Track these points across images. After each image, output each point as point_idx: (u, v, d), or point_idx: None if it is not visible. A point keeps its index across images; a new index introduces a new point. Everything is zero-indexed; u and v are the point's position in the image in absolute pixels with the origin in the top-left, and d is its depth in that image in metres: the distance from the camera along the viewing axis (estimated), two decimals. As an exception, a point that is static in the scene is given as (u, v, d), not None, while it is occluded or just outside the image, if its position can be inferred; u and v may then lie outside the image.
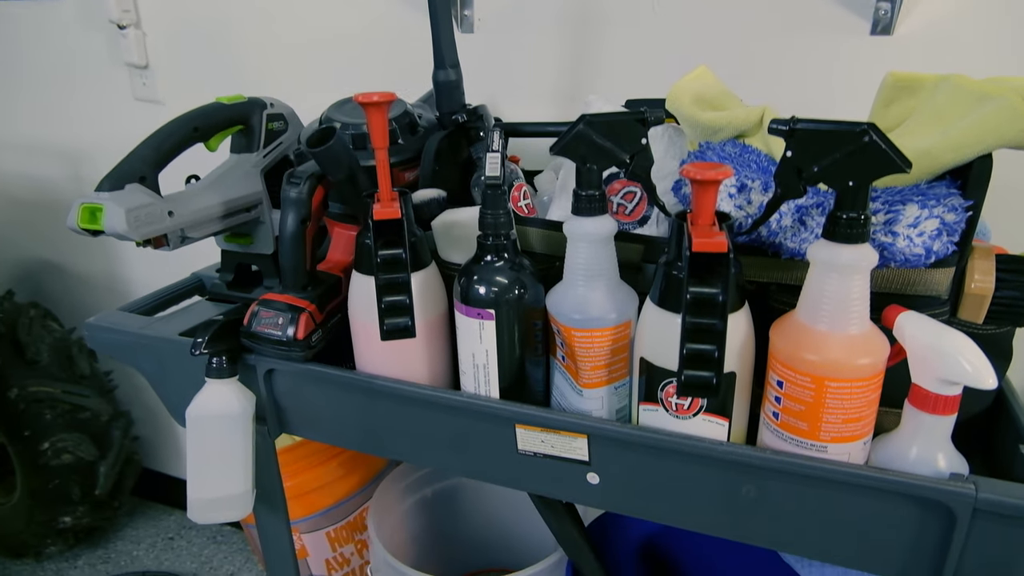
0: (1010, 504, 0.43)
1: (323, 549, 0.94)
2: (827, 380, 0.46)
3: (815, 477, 0.48)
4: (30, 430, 1.28)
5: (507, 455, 0.59)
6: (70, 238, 1.48)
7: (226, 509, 0.66)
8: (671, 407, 0.52)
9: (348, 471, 0.93)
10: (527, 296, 0.57)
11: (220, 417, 0.64)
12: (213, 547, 1.54)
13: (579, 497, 0.58)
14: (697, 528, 0.55)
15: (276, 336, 0.64)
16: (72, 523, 1.38)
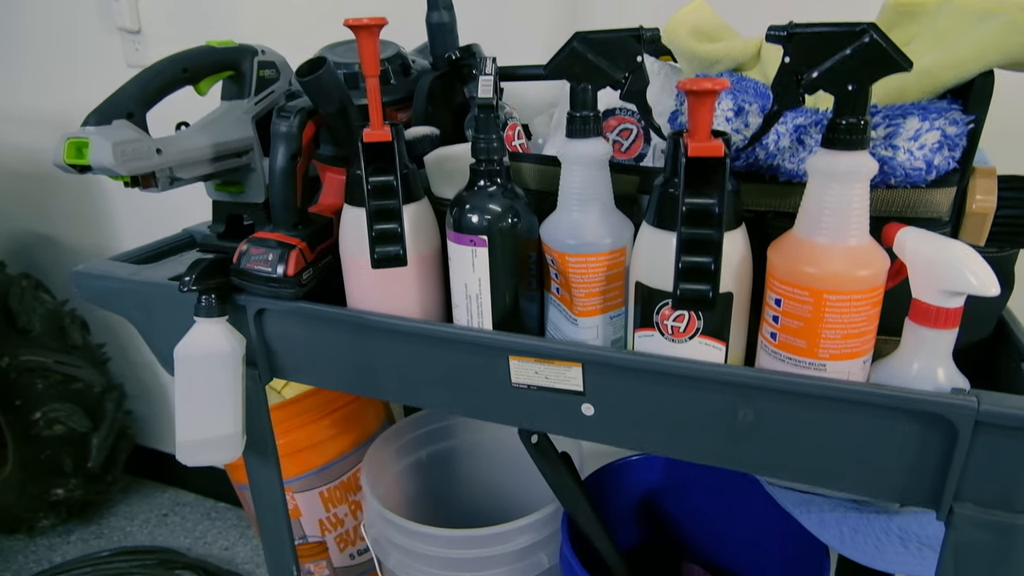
0: (1013, 415, 0.42)
1: (316, 509, 0.93)
2: (826, 293, 0.45)
3: (813, 396, 0.47)
4: (21, 399, 1.27)
5: (501, 389, 0.58)
6: (63, 211, 1.47)
7: (215, 451, 0.65)
8: (667, 331, 0.51)
9: (341, 430, 0.92)
10: (520, 225, 0.56)
11: (209, 356, 0.63)
12: (207, 523, 1.53)
13: (574, 431, 0.57)
14: (693, 458, 0.54)
15: (266, 273, 0.62)
16: (65, 496, 1.37)
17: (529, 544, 0.76)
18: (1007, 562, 0.46)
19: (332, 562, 0.96)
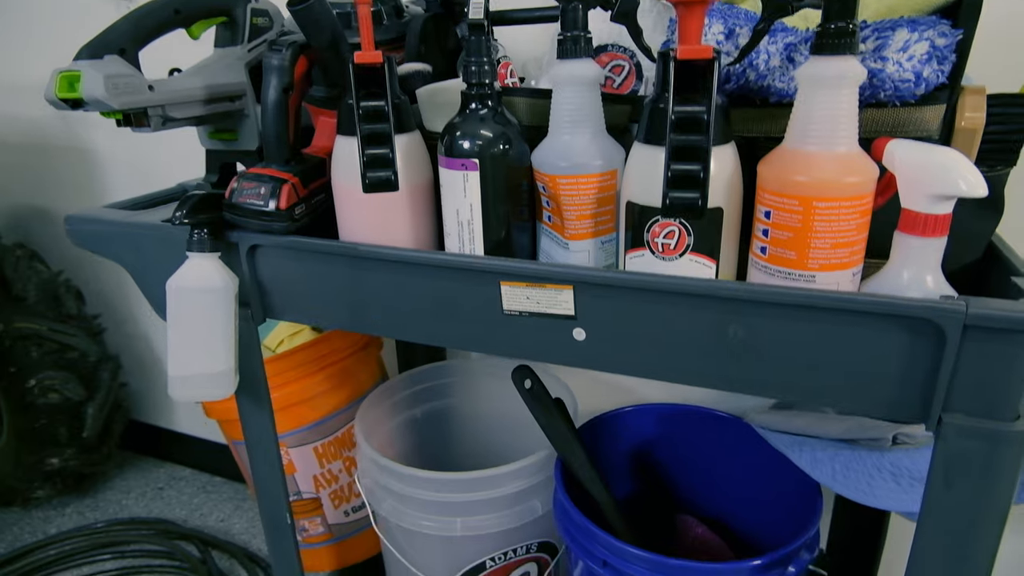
0: (1001, 317, 0.43)
1: (311, 465, 0.93)
2: (815, 200, 0.45)
3: (803, 306, 0.47)
4: (16, 367, 1.27)
5: (492, 317, 0.58)
6: (58, 182, 1.47)
7: (207, 387, 0.65)
8: (657, 248, 0.51)
9: (335, 385, 0.92)
10: (512, 151, 0.56)
11: (201, 291, 0.63)
12: (203, 496, 1.53)
13: (566, 357, 0.57)
14: (685, 380, 0.54)
15: (258, 206, 0.62)
16: (59, 465, 1.37)
17: (522, 489, 0.76)
18: (995, 470, 0.46)
19: (327, 519, 0.96)
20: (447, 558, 0.78)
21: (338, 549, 0.98)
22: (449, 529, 0.75)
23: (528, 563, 0.81)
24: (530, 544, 0.80)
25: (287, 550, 0.81)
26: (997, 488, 0.47)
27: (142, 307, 1.51)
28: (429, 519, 0.76)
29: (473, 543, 0.77)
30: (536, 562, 0.82)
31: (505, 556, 0.79)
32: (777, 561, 0.62)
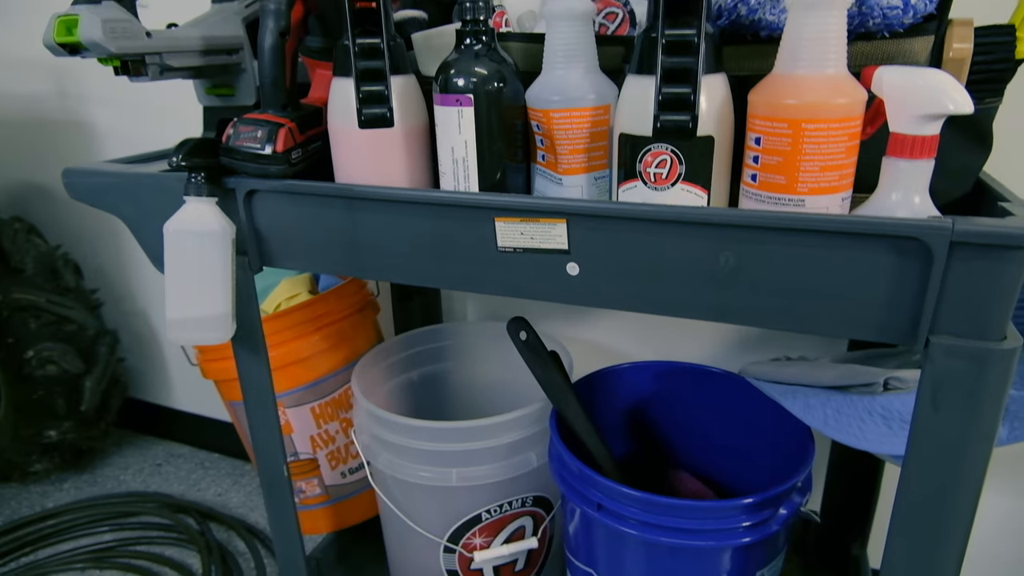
0: (987, 232, 0.43)
1: (308, 425, 0.93)
2: (804, 122, 0.46)
3: (792, 230, 0.48)
4: (14, 337, 1.27)
5: (488, 256, 0.58)
6: (55, 159, 1.47)
7: (205, 330, 0.66)
8: (649, 179, 0.52)
9: (331, 347, 0.93)
10: (506, 88, 0.57)
11: (199, 234, 0.64)
12: (201, 471, 1.53)
13: (560, 294, 0.57)
14: (678, 313, 0.54)
15: (255, 149, 0.63)
16: (57, 439, 1.37)
17: (517, 440, 0.76)
18: (982, 390, 0.47)
19: (324, 480, 0.96)
20: (443, 510, 0.79)
21: (335, 511, 0.98)
22: (445, 480, 0.76)
23: (523, 517, 0.81)
24: (525, 498, 0.80)
25: (285, 508, 0.81)
26: (984, 409, 0.47)
27: (140, 284, 1.51)
28: (425, 470, 0.76)
29: (469, 495, 0.78)
30: (531, 516, 0.82)
31: (501, 509, 0.79)
32: (769, 500, 0.63)
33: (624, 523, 0.64)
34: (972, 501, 0.51)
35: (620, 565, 0.69)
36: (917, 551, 0.53)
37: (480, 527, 0.79)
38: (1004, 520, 0.96)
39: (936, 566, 0.52)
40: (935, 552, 0.52)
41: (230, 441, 1.57)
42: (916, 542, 0.52)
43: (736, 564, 0.65)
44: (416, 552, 0.83)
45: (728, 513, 0.62)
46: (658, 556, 0.66)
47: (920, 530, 0.52)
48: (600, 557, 0.70)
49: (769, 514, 0.63)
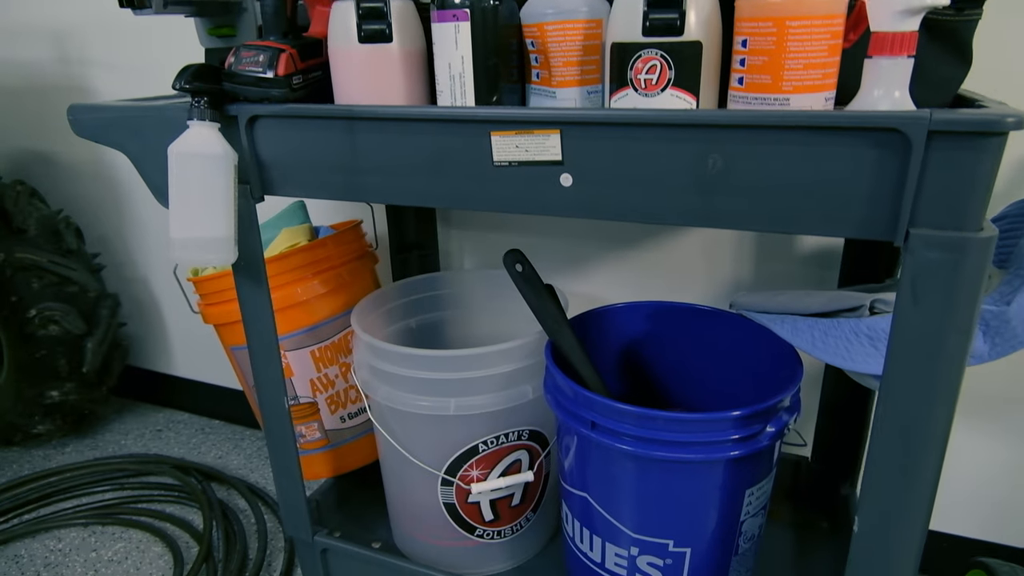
0: (963, 119, 0.45)
1: (308, 369, 0.95)
2: (788, 20, 0.48)
3: (777, 127, 0.49)
4: (17, 296, 1.28)
5: (484, 172, 0.60)
6: (57, 126, 1.49)
7: (208, 251, 0.67)
8: (640, 85, 0.54)
9: (331, 291, 0.94)
10: (502, 5, 0.58)
11: (202, 156, 0.65)
12: (201, 436, 1.55)
13: (554, 206, 0.59)
14: (667, 220, 0.56)
15: (257, 73, 0.65)
16: (59, 399, 1.38)
17: (514, 370, 0.78)
18: (959, 279, 0.48)
19: (323, 424, 0.98)
20: (441, 442, 0.80)
21: (334, 455, 1.00)
22: (443, 409, 0.77)
23: (519, 450, 0.83)
24: (521, 431, 0.82)
25: (286, 443, 0.83)
26: (962, 300, 0.49)
27: (141, 250, 1.53)
28: (423, 400, 0.78)
29: (466, 425, 0.79)
30: (527, 450, 0.84)
31: (497, 440, 0.81)
32: (758, 414, 0.64)
33: (617, 439, 0.66)
34: (951, 398, 0.52)
35: (613, 485, 0.70)
36: (897, 454, 0.54)
37: (477, 459, 0.81)
38: (1002, 466, 0.98)
39: (917, 468, 0.54)
40: (915, 454, 0.54)
41: (230, 407, 1.58)
42: (896, 446, 0.54)
43: (726, 480, 0.67)
44: (414, 488, 0.85)
45: (718, 425, 0.64)
46: (650, 472, 0.67)
47: (901, 431, 0.54)
48: (593, 479, 0.72)
49: (758, 428, 0.65)
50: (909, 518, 0.56)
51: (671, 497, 0.68)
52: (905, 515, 0.56)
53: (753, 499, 0.71)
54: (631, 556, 0.73)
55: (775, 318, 0.74)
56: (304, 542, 0.90)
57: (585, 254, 1.11)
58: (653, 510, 0.69)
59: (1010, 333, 0.64)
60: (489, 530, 0.86)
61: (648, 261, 1.07)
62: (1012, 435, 0.96)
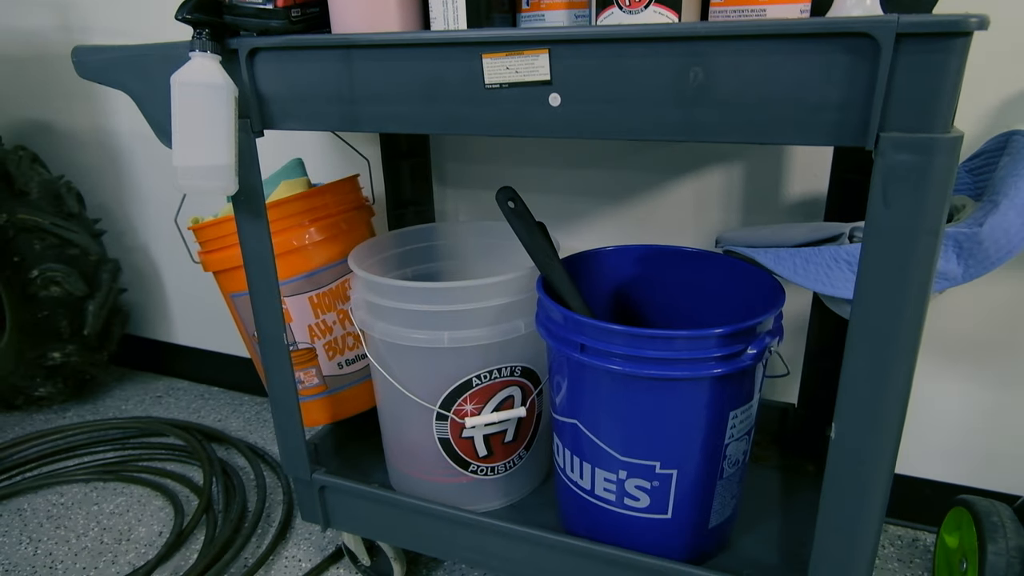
0: (930, 21, 0.47)
1: (306, 315, 0.97)
2: (764, -70, 0.50)
3: (754, 36, 0.52)
4: (19, 256, 1.30)
5: (476, 95, 0.62)
6: (58, 93, 1.51)
7: (210, 179, 0.70)
8: (624, 3, 0.56)
9: (328, 239, 0.96)
10: (493, -68, 0.61)
11: (204, 86, 0.68)
12: (200, 402, 1.57)
13: (544, 127, 0.61)
14: (652, 135, 0.58)
15: (257, 4, 0.67)
16: (61, 360, 1.40)
17: (506, 304, 0.80)
18: (928, 179, 0.51)
19: (321, 370, 1.00)
20: (436, 375, 0.83)
21: (332, 402, 1.02)
22: (437, 341, 0.80)
23: (512, 386, 0.85)
24: (513, 367, 0.84)
25: (285, 379, 0.85)
26: (930, 199, 0.51)
27: (141, 218, 1.55)
28: (419, 332, 0.80)
29: (460, 358, 0.81)
30: (520, 387, 0.86)
31: (490, 375, 0.83)
32: (740, 332, 0.67)
33: (606, 359, 0.68)
34: (923, 300, 0.55)
35: (602, 408, 0.73)
36: (870, 357, 0.57)
37: (471, 393, 0.83)
38: (983, 412, 1.01)
39: (890, 369, 0.56)
40: (888, 357, 0.56)
41: (229, 373, 1.61)
42: (869, 350, 0.56)
43: (710, 400, 0.70)
44: (410, 424, 0.87)
45: (703, 343, 0.66)
46: (637, 392, 0.70)
47: (874, 334, 0.56)
48: (583, 405, 0.74)
49: (740, 347, 0.67)
50: (883, 421, 0.58)
51: (657, 418, 0.70)
52: (879, 418, 0.58)
53: (737, 422, 0.73)
54: (619, 480, 0.75)
55: (759, 250, 0.76)
56: (303, 481, 0.93)
57: (577, 210, 1.13)
58: (640, 431, 0.72)
59: (982, 254, 0.66)
60: (483, 466, 0.89)
61: (638, 215, 1.10)
62: (992, 380, 0.98)
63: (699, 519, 0.77)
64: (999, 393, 0.99)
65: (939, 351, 1.00)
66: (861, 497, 0.61)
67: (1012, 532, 0.83)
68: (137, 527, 1.16)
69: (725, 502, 0.79)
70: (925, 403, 1.03)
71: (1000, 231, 0.65)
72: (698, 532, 0.78)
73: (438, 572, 1.03)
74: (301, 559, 1.07)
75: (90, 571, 1.06)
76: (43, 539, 1.14)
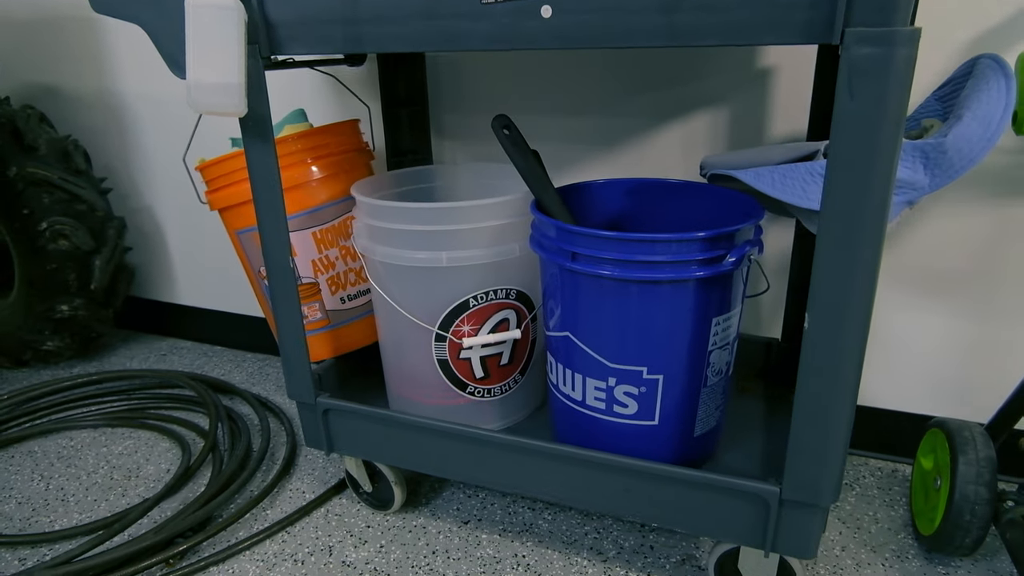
0: (887, -82, 0.52)
1: (310, 250, 1.01)
2: None
3: (730, -61, 0.56)
4: (29, 209, 1.34)
5: (473, 10, 0.67)
6: (65, 56, 1.55)
7: (220, 95, 0.74)
8: (610, -86, 0.60)
9: (330, 176, 1.00)
10: None
11: (215, 7, 0.72)
12: (204, 359, 1.61)
13: (537, 39, 0.66)
14: (638, 41, 0.62)
15: (265, -70, 0.71)
16: (69, 314, 1.44)
17: (502, 225, 0.85)
18: (890, 69, 0.55)
19: (324, 304, 1.04)
20: (435, 296, 0.87)
21: (334, 336, 1.06)
22: (436, 261, 0.84)
23: (507, 308, 0.90)
24: (509, 289, 0.89)
25: (291, 305, 0.89)
26: (893, 91, 0.56)
27: (145, 179, 1.59)
28: (419, 253, 0.84)
29: (457, 279, 0.86)
30: (514, 310, 0.90)
31: (487, 296, 0.87)
32: (722, 236, 0.71)
33: (597, 265, 0.73)
34: (886, 187, 0.59)
35: (592, 316, 0.77)
36: (840, 247, 0.61)
37: (468, 314, 0.88)
38: (957, 343, 1.05)
39: (859, 254, 0.61)
40: (856, 244, 0.60)
41: (232, 332, 1.64)
42: (839, 234, 0.61)
43: (695, 305, 0.74)
44: (410, 347, 0.91)
45: (686, 246, 0.70)
46: (625, 297, 0.74)
47: (843, 221, 0.60)
48: (575, 315, 0.79)
49: (722, 252, 0.72)
50: (852, 307, 0.63)
51: (644, 323, 0.75)
52: (849, 304, 0.62)
53: (719, 329, 0.78)
54: (609, 388, 0.80)
55: (739, 169, 0.81)
56: (307, 406, 0.97)
57: (570, 157, 1.18)
58: (628, 337, 0.76)
59: (947, 163, 0.71)
60: (480, 387, 0.93)
61: (628, 160, 1.14)
62: (967, 311, 1.03)
63: (685, 426, 0.82)
64: (975, 325, 1.03)
65: (917, 285, 1.04)
66: (833, 381, 0.65)
67: (982, 445, 0.88)
68: (145, 465, 1.20)
69: (709, 412, 0.83)
70: (903, 337, 1.08)
71: (963, 140, 0.70)
72: (684, 440, 0.83)
73: (437, 500, 1.07)
74: (305, 491, 1.11)
75: (101, 503, 1.10)
76: (54, 476, 1.17)
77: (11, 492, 1.14)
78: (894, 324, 1.08)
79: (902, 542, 0.97)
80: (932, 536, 0.91)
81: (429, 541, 0.99)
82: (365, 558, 0.96)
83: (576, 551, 0.96)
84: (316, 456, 1.21)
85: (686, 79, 1.07)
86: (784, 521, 0.75)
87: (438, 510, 1.05)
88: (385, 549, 0.98)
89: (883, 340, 1.09)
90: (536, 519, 1.02)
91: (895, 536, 0.98)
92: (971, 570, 0.92)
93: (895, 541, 0.97)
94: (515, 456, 0.86)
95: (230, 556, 0.97)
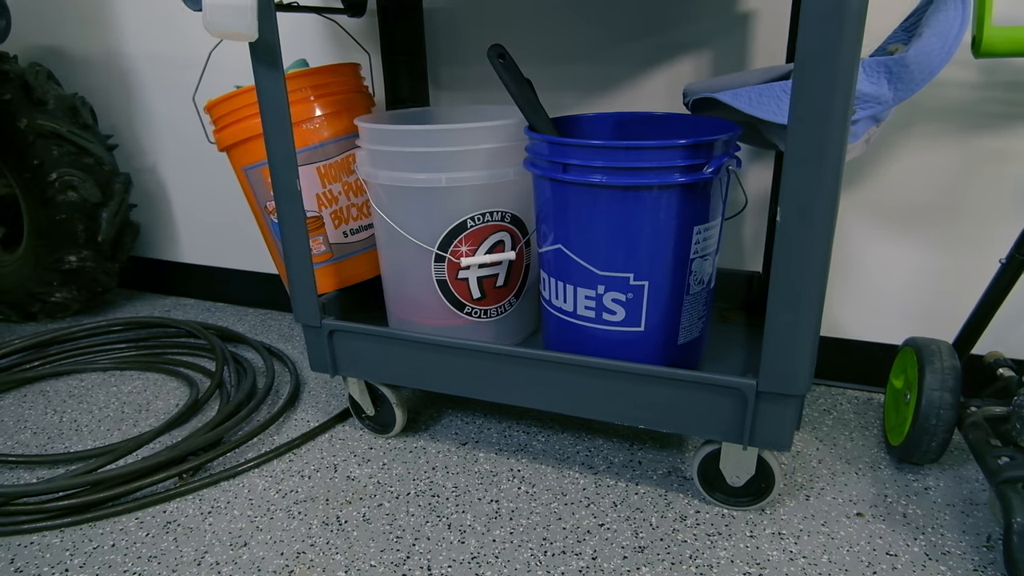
0: None
1: (314, 184, 1.06)
2: None
3: None
4: (39, 160, 1.39)
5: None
6: (71, 18, 1.59)
7: (233, 17, 0.79)
8: None
9: (333, 113, 1.05)
10: None
11: (229, -68, 0.77)
12: (207, 314, 1.66)
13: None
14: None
15: None
16: (76, 264, 1.49)
17: (497, 148, 0.90)
18: (848, -31, 0.61)
19: (328, 238, 1.09)
20: (434, 217, 0.92)
21: (338, 268, 1.12)
22: (435, 182, 0.89)
23: (502, 231, 0.95)
24: (504, 212, 0.94)
25: (299, 229, 0.94)
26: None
27: (151, 140, 1.63)
28: (419, 174, 0.90)
29: (456, 200, 0.91)
30: (509, 233, 0.96)
31: (483, 217, 0.93)
32: (701, 145, 0.77)
33: (587, 174, 0.78)
34: (850, 76, 0.65)
35: (582, 226, 0.82)
36: (808, 137, 0.67)
37: (466, 235, 0.93)
38: (928, 273, 1.11)
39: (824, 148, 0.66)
40: (826, 130, 0.66)
41: (235, 289, 1.69)
42: (808, 125, 0.67)
43: (678, 212, 0.79)
44: (410, 268, 0.96)
45: (668, 153, 0.76)
46: (613, 206, 0.79)
47: (811, 110, 0.66)
48: (566, 226, 0.84)
49: (702, 160, 0.77)
50: (819, 198, 0.68)
51: (631, 229, 0.80)
52: (816, 197, 0.68)
53: (701, 239, 0.83)
54: (598, 296, 0.85)
55: (720, 93, 0.86)
56: (313, 328, 1.02)
57: (563, 104, 1.23)
58: (615, 244, 0.81)
59: (909, 77, 0.77)
60: (477, 308, 0.99)
61: (617, 106, 1.20)
62: (935, 242, 1.09)
63: (669, 334, 0.87)
64: (944, 255, 1.09)
65: (888, 219, 1.11)
66: (803, 268, 0.71)
67: (947, 356, 0.94)
68: (155, 402, 1.24)
69: (692, 321, 0.89)
70: (876, 270, 1.14)
71: (923, 55, 0.76)
72: (669, 347, 0.88)
73: (435, 426, 1.13)
74: (309, 420, 1.16)
75: (113, 432, 1.15)
76: (67, 411, 1.22)
77: (26, 423, 1.18)
78: (867, 257, 1.14)
79: (875, 456, 1.03)
80: (901, 445, 0.97)
81: (429, 459, 1.04)
82: (369, 473, 1.01)
83: (568, 466, 1.02)
84: (319, 391, 1.26)
85: (668, 25, 1.13)
86: (761, 414, 0.81)
87: (437, 434, 1.11)
88: (388, 466, 1.03)
89: (856, 273, 1.15)
90: (530, 440, 1.08)
91: (868, 451, 1.04)
92: (939, 476, 0.98)
93: (868, 455, 1.03)
94: (512, 367, 0.92)
95: (240, 472, 1.02)
